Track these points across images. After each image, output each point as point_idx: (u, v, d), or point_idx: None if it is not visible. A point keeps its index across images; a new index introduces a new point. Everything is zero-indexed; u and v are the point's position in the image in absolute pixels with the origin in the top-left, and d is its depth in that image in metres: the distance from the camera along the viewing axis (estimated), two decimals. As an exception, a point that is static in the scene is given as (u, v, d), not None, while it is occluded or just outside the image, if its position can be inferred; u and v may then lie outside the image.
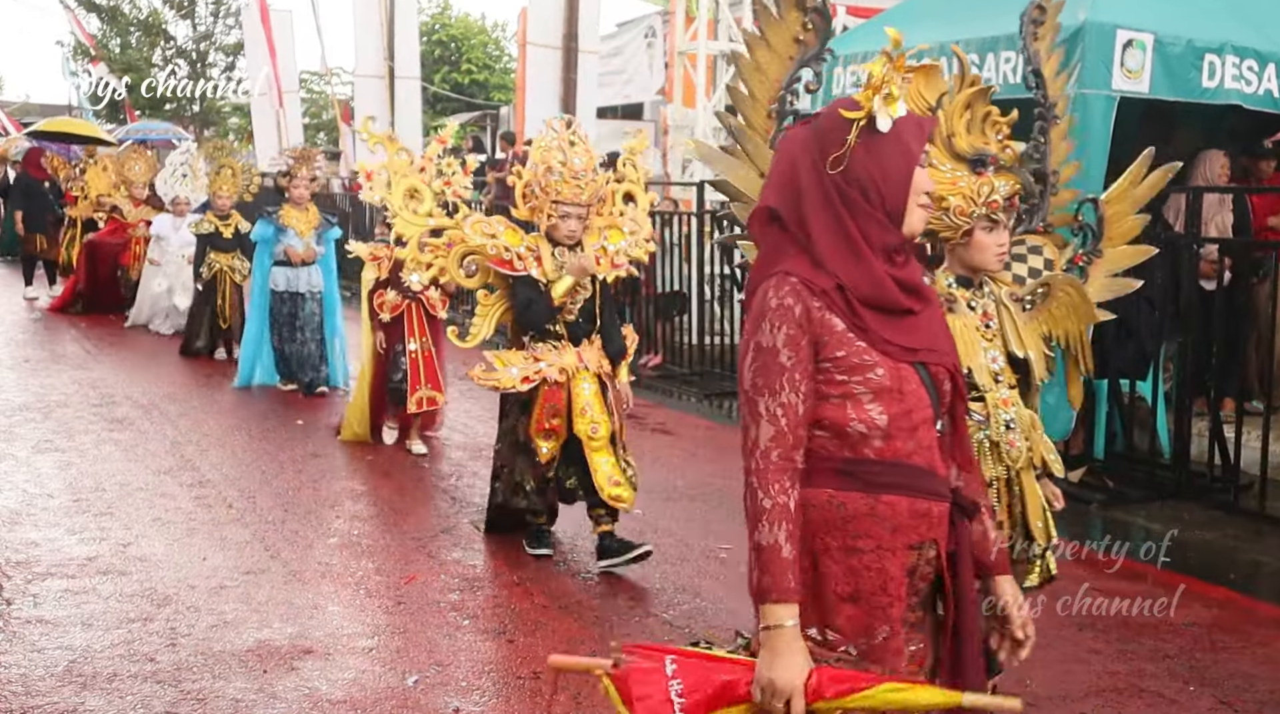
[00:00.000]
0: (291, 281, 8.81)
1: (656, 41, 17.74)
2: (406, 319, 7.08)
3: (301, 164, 8.70)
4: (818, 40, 3.36)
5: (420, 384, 7.06)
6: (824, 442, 2.23)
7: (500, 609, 4.71)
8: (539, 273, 4.97)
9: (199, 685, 3.92)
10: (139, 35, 34.89)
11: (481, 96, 31.18)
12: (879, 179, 2.20)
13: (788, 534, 2.15)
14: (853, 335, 2.20)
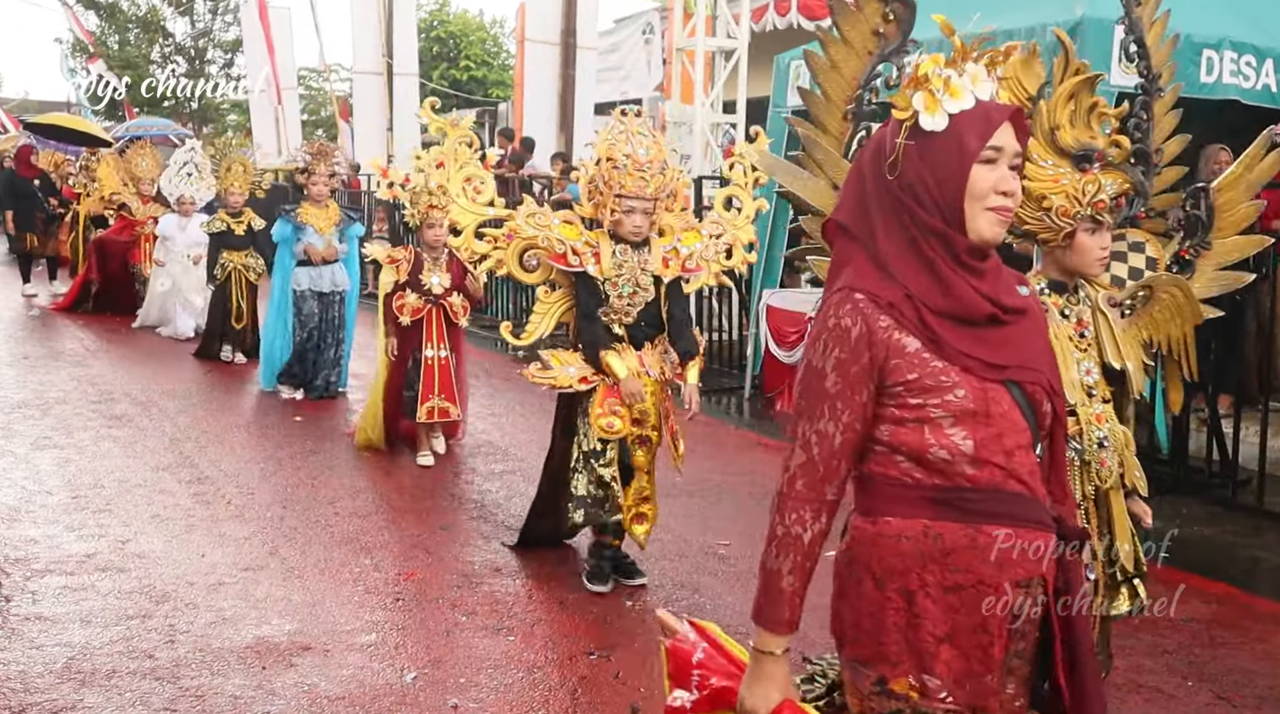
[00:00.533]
0: (315, 281, 8.46)
1: (654, 38, 17.72)
2: (425, 325, 6.75)
3: (320, 160, 8.41)
4: (900, 31, 3.13)
5: (433, 394, 6.77)
6: (908, 469, 2.05)
7: (499, 606, 4.71)
8: (595, 270, 4.69)
9: (198, 682, 3.93)
10: (137, 32, 34.89)
11: (480, 93, 31.16)
12: (930, 182, 2.02)
13: (792, 565, 2.07)
14: (927, 355, 2.02)
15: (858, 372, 2.03)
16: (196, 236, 10.93)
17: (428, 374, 6.76)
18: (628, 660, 4.19)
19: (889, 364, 2.02)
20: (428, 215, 6.49)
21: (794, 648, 4.39)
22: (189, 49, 34.84)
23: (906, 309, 2.02)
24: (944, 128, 2.00)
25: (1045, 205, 2.94)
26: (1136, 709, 3.90)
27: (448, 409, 6.85)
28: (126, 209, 12.95)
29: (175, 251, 11.42)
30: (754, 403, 9.13)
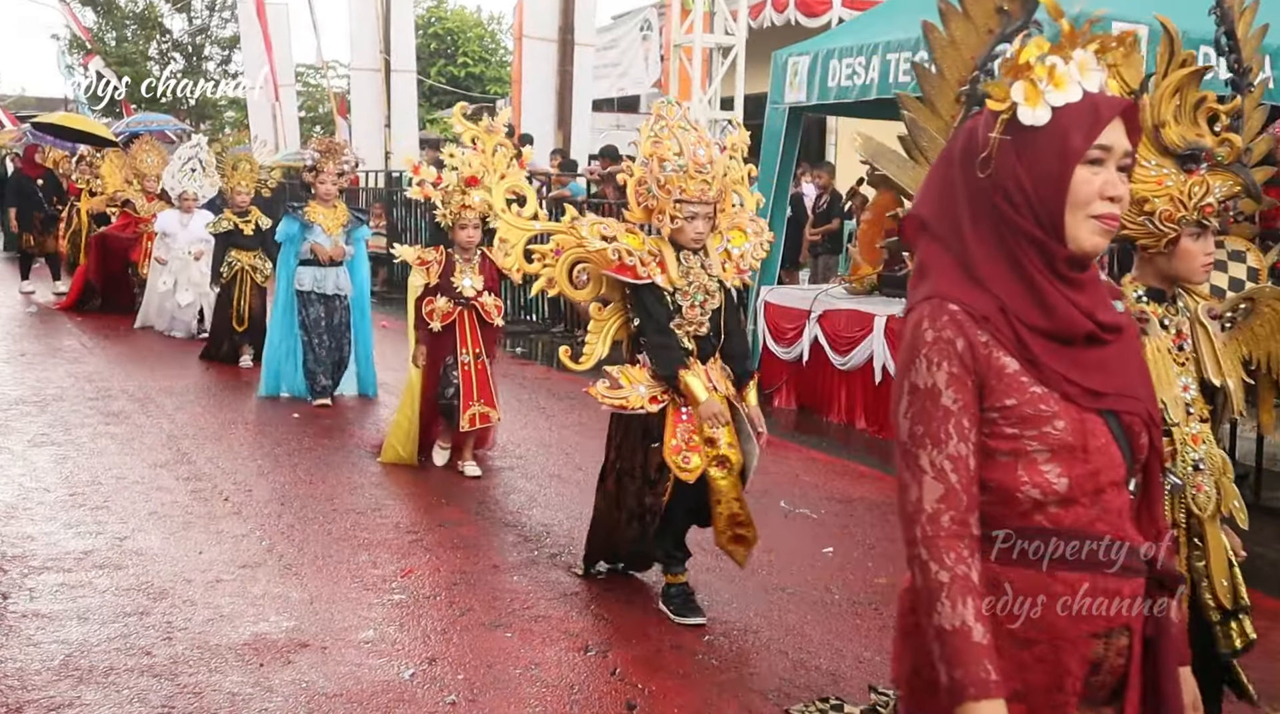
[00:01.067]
0: (319, 282, 8.21)
1: (652, 34, 17.73)
2: (459, 328, 6.44)
3: (328, 158, 8.17)
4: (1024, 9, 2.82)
5: (473, 399, 6.44)
6: (986, 507, 1.80)
7: (496, 602, 4.72)
8: (664, 280, 4.35)
9: (195, 679, 3.93)
10: (135, 29, 34.90)
11: (477, 90, 31.15)
12: (1026, 183, 1.78)
13: (976, 613, 1.72)
14: (1026, 378, 1.79)
15: (972, 386, 1.79)
16: (198, 233, 10.73)
17: (465, 380, 6.44)
18: (625, 658, 4.19)
19: (988, 384, 1.79)
20: (460, 215, 6.28)
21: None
22: (186, 46, 34.88)
23: (1002, 324, 1.79)
24: (1045, 122, 1.77)
25: (1148, 209, 2.71)
26: (1133, 705, 3.89)
27: (488, 414, 6.54)
28: (131, 206, 12.76)
29: (176, 248, 11.18)
30: (752, 399, 9.12)
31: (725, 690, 3.94)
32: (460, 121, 4.98)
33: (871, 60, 7.99)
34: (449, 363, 6.46)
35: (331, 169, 8.14)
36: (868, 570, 5.20)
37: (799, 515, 6.08)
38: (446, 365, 6.47)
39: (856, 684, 4.01)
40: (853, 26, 9.16)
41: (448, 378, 6.48)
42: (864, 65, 8.10)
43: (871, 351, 8.02)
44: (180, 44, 34.91)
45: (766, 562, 5.25)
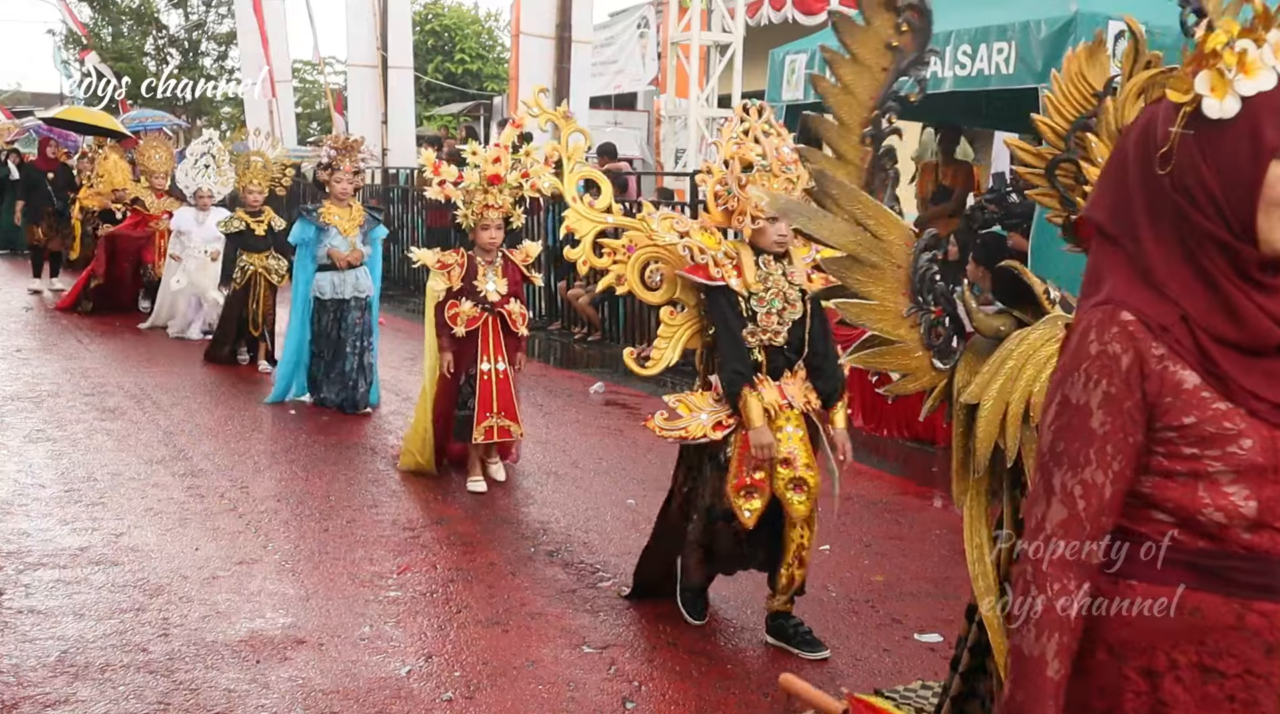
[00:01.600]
0: (338, 287, 7.85)
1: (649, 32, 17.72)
2: (481, 336, 6.11)
3: (344, 155, 7.85)
4: (916, 42, 2.89)
5: (491, 411, 6.09)
6: (1166, 527, 1.70)
7: (494, 599, 4.72)
8: (739, 284, 4.09)
9: (191, 675, 3.92)
10: (131, 24, 34.84)
11: (475, 86, 31.13)
12: (1212, 182, 1.62)
13: (1058, 648, 1.68)
14: (1208, 394, 1.65)
15: (1131, 409, 1.67)
16: (214, 231, 10.40)
17: (484, 390, 6.09)
18: (623, 655, 4.19)
19: (1162, 402, 1.66)
20: (482, 216, 6.02)
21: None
22: (183, 41, 34.81)
23: (1183, 335, 1.65)
24: (1234, 114, 1.60)
25: None
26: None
27: (508, 427, 6.17)
28: (140, 204, 12.42)
29: (192, 246, 10.83)
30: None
31: (723, 688, 3.95)
32: (537, 103, 4.63)
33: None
34: (469, 373, 6.18)
35: (348, 167, 7.80)
36: (865, 568, 5.21)
37: (795, 513, 6.07)
38: (469, 375, 6.19)
39: (854, 681, 4.01)
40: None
41: (469, 389, 6.21)
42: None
43: (869, 350, 7.99)
44: (176, 40, 34.84)
45: (763, 559, 5.25)
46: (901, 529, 5.87)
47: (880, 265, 2.71)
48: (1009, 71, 7.05)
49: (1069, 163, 2.68)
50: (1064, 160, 2.69)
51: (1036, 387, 2.56)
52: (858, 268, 2.70)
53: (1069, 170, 2.69)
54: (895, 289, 2.72)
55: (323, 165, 8.25)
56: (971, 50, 7.27)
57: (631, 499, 6.15)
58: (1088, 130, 2.66)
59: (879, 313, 2.71)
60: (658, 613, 4.57)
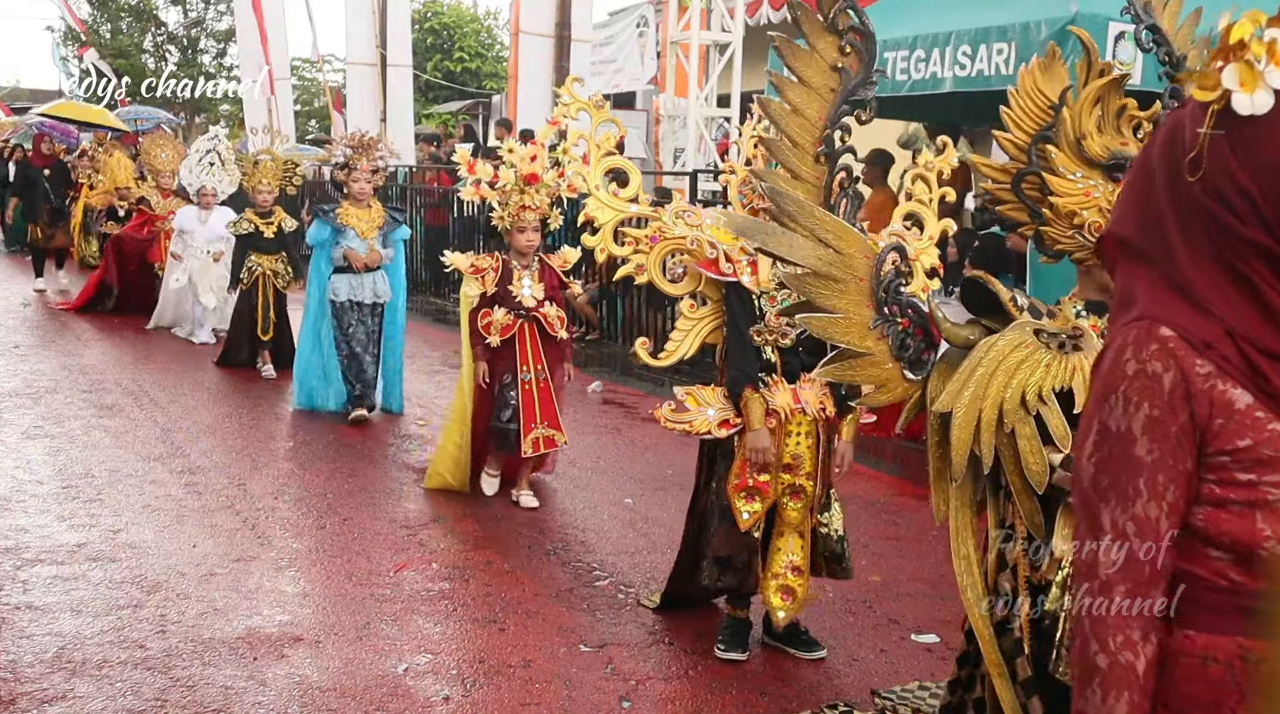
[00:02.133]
0: (355, 290, 7.55)
1: (648, 30, 17.70)
2: (519, 343, 5.84)
3: (362, 154, 7.45)
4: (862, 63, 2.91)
5: (536, 422, 5.84)
6: (1223, 566, 1.52)
7: (491, 597, 4.72)
8: (751, 281, 4.03)
9: (189, 673, 3.92)
10: (130, 21, 34.84)
11: (474, 85, 31.12)
12: (1247, 183, 1.47)
13: (1130, 706, 1.51)
14: (1262, 414, 1.49)
15: (1178, 432, 1.51)
16: (218, 231, 10.11)
17: (526, 399, 5.83)
18: (620, 654, 4.19)
19: (1212, 425, 1.50)
20: (519, 217, 5.75)
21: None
22: (181, 38, 34.80)
23: (1229, 351, 1.50)
24: (1268, 109, 1.45)
25: (1077, 222, 2.65)
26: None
27: (553, 437, 5.92)
28: (145, 203, 11.98)
29: (194, 246, 10.49)
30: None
31: (719, 687, 3.95)
32: (569, 93, 4.45)
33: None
34: (506, 382, 5.88)
35: (366, 166, 7.48)
36: (862, 568, 5.18)
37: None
38: (503, 384, 5.88)
39: (851, 681, 4.02)
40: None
41: (504, 399, 5.88)
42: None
43: (866, 350, 8.00)
44: (175, 37, 34.84)
45: (760, 559, 5.26)
46: (899, 529, 5.87)
47: (842, 278, 2.73)
48: (1009, 72, 7.04)
49: (1033, 176, 2.69)
50: (1028, 173, 2.70)
51: (1008, 393, 2.59)
52: (820, 282, 2.72)
53: (1034, 183, 2.71)
54: (860, 302, 2.74)
55: (339, 164, 7.66)
56: (971, 51, 7.26)
57: (629, 498, 6.15)
58: (1048, 142, 2.68)
59: (845, 326, 2.72)
60: (654, 613, 4.57)
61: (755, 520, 4.05)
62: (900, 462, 7.39)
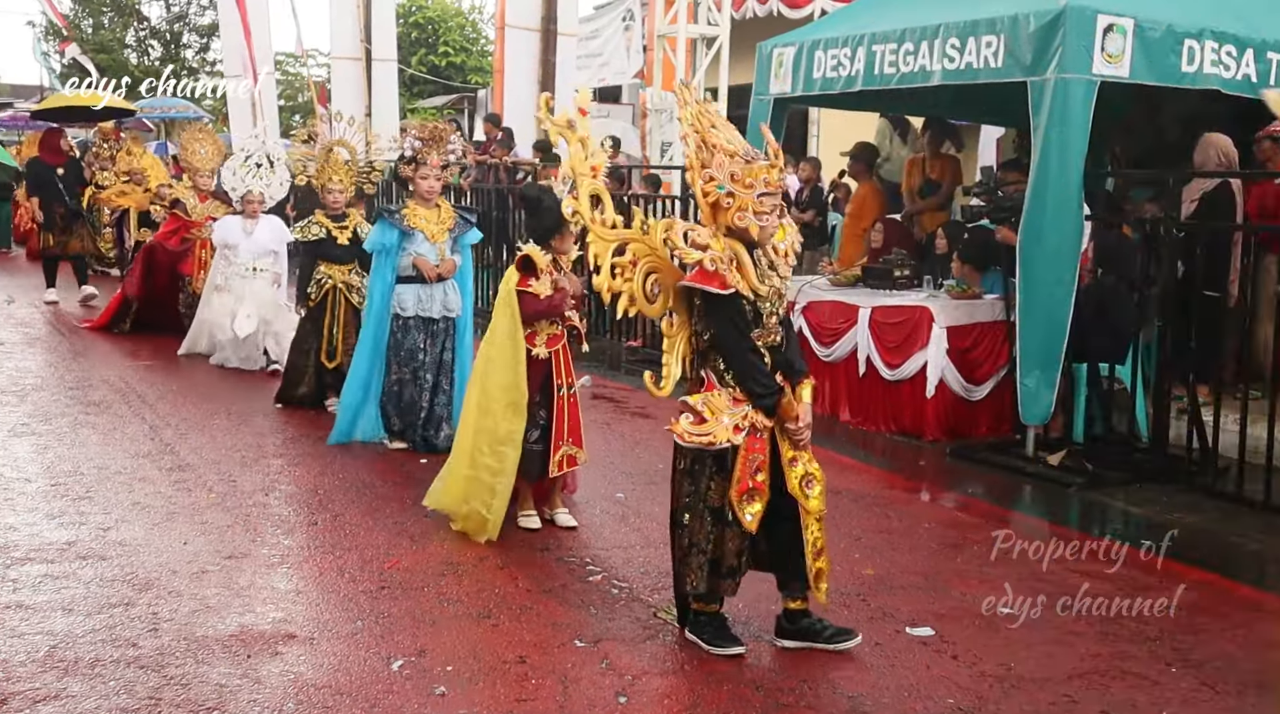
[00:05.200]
0: (424, 303, 6.66)
1: (634, 24, 17.68)
2: (555, 357, 5.43)
3: (431, 147, 6.61)
4: None
5: (563, 439, 5.42)
6: None
7: (484, 593, 4.70)
8: (744, 287, 3.92)
9: (182, 671, 3.89)
10: (112, 16, 34.61)
11: (459, 79, 31.03)
12: None
13: None
14: None
15: None
16: (264, 243, 9.10)
17: (558, 417, 5.39)
18: (615, 649, 4.18)
19: None
20: None
21: None
22: (164, 33, 34.60)
23: None
24: None
25: None
26: (1120, 695, 3.92)
27: (575, 456, 5.50)
28: (181, 207, 10.55)
29: (239, 263, 9.19)
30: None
31: (714, 681, 3.94)
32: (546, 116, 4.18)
33: (857, 52, 7.99)
34: (536, 400, 5.34)
35: (435, 160, 6.61)
36: (855, 562, 5.20)
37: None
38: (533, 402, 5.32)
39: (847, 675, 4.01)
40: (838, 18, 9.15)
41: (534, 418, 5.34)
42: (849, 57, 8.10)
43: (855, 344, 8.02)
44: (158, 32, 34.64)
45: (754, 553, 5.25)
46: (890, 522, 5.88)
47: None
48: (997, 65, 7.05)
49: None
50: None
51: None
52: None
53: None
54: None
55: (405, 158, 6.72)
56: (959, 43, 7.26)
57: (621, 493, 6.14)
58: None
59: None
60: (649, 605, 4.57)
61: (757, 520, 4.02)
62: (890, 455, 7.40)
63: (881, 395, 7.94)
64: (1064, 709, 3.82)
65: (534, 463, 5.39)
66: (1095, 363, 7.16)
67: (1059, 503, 6.40)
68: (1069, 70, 6.65)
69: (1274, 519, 5.96)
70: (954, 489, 6.67)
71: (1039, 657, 4.20)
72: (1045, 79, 6.74)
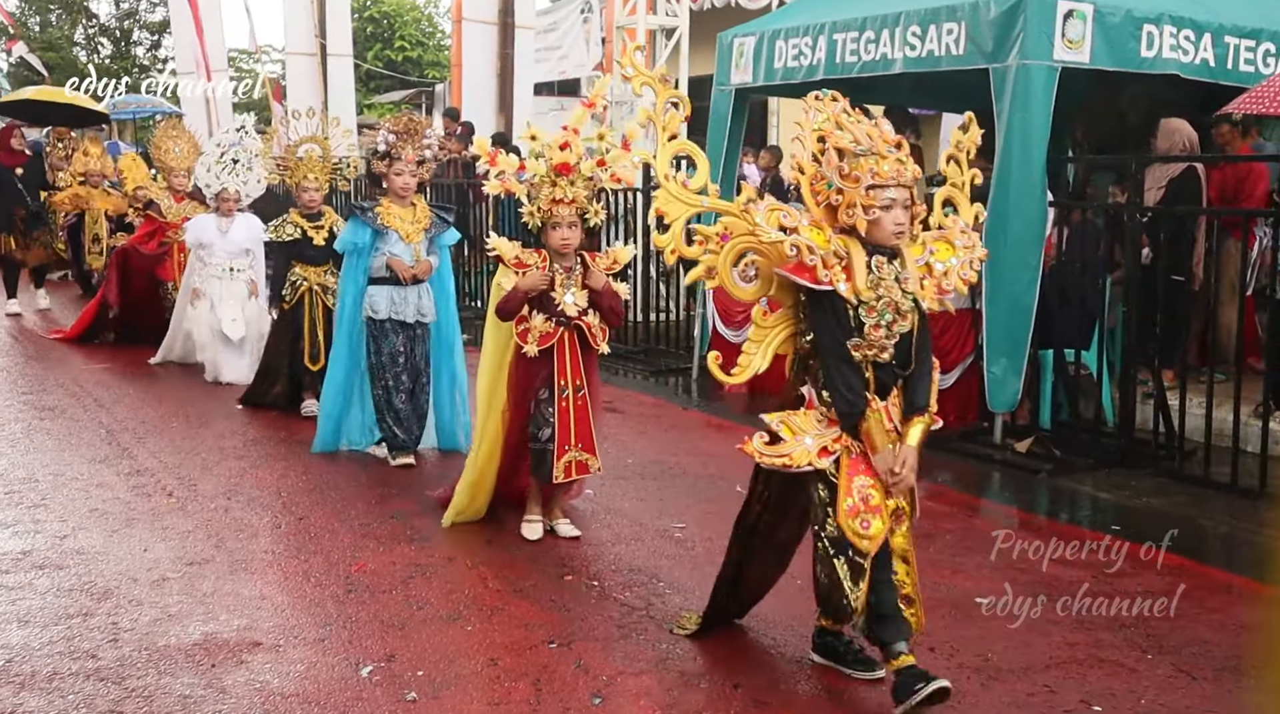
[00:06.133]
0: (398, 306, 6.35)
1: (593, 16, 17.59)
2: (557, 354, 5.12)
3: (406, 141, 6.29)
4: None
5: (570, 443, 5.14)
6: None
7: (454, 595, 4.62)
8: (848, 289, 3.56)
9: (144, 682, 3.79)
10: (59, 13, 34.10)
11: (415, 74, 30.79)
12: None
13: None
14: None
15: None
16: (240, 242, 8.71)
17: (562, 418, 5.12)
18: (589, 649, 4.11)
19: None
20: (552, 213, 5.02)
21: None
22: (114, 30, 34.13)
23: None
24: None
25: None
26: (1097, 683, 3.90)
27: (586, 462, 5.20)
28: (155, 208, 10.11)
29: (213, 263, 8.78)
30: (701, 383, 9.10)
31: (690, 681, 3.88)
32: (632, 63, 3.96)
33: (818, 41, 7.95)
34: (543, 397, 5.16)
35: (410, 156, 6.30)
36: (827, 554, 5.15)
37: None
38: (540, 400, 5.17)
39: (825, 670, 3.97)
40: (798, 7, 9.11)
41: (542, 416, 5.17)
42: (810, 46, 8.07)
43: (820, 333, 7.98)
44: (108, 29, 34.17)
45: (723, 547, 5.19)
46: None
47: None
48: (959, 52, 7.03)
49: None
50: None
51: None
52: None
53: None
54: None
55: (378, 153, 6.44)
56: (921, 31, 7.24)
57: (590, 490, 6.05)
58: None
59: None
60: (622, 603, 4.50)
61: (878, 542, 3.62)
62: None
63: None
64: (1043, 699, 3.79)
65: (543, 462, 5.19)
66: (1061, 349, 7.17)
67: (1027, 489, 6.39)
68: (1030, 57, 6.65)
69: (1241, 502, 5.98)
70: (922, 477, 6.58)
71: (1016, 647, 4.17)
72: (1007, 66, 6.73)
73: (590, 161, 5.09)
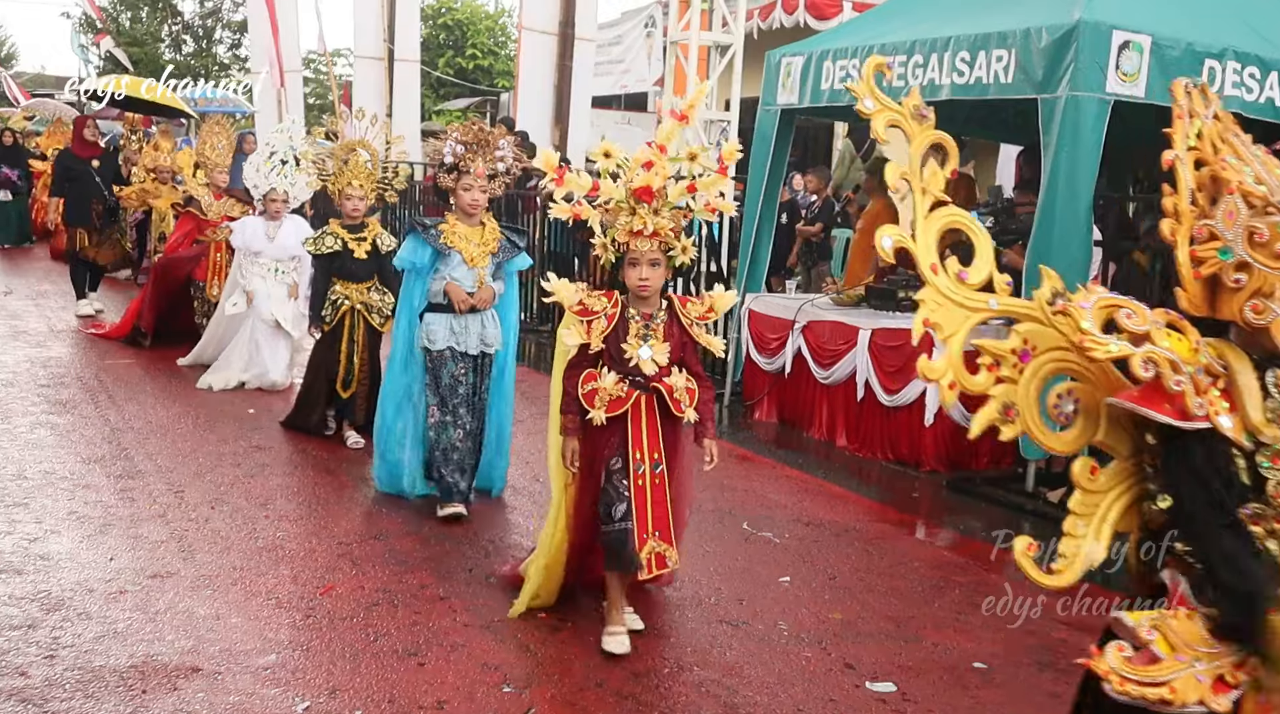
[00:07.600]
0: (459, 336, 5.62)
1: (656, 31, 17.41)
2: (632, 422, 4.21)
3: (476, 153, 5.53)
4: None
5: (647, 531, 4.18)
6: None
7: (417, 626, 4.38)
8: (1234, 426, 2.31)
9: (66, 706, 3.59)
10: (147, 10, 34.78)
11: (485, 82, 30.87)
12: None
13: None
14: None
15: None
16: (290, 247, 8.27)
17: (638, 499, 4.19)
18: (543, 695, 3.85)
19: None
20: (630, 247, 4.11)
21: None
22: (197, 28, 34.72)
23: None
24: None
25: None
26: None
27: (665, 555, 4.22)
28: (196, 205, 9.70)
29: (261, 264, 8.45)
30: (733, 410, 8.80)
31: (645, 739, 3.61)
32: (872, 92, 2.63)
33: (865, 63, 7.64)
34: (614, 468, 4.24)
35: (481, 169, 5.54)
36: (824, 604, 4.86)
37: (760, 539, 5.72)
38: (611, 471, 4.24)
39: (789, 737, 3.67)
40: (848, 28, 8.84)
41: (615, 491, 4.22)
42: (858, 68, 7.76)
43: (854, 366, 7.68)
44: (191, 27, 34.76)
45: (715, 590, 4.92)
46: (871, 560, 5.52)
47: None
48: (1008, 81, 6.70)
49: None
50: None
51: None
52: None
53: None
54: None
55: (445, 166, 5.61)
56: (970, 57, 6.91)
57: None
58: None
59: None
60: (587, 650, 4.23)
61: None
62: (884, 485, 7.04)
63: (879, 421, 7.58)
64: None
65: (621, 548, 4.20)
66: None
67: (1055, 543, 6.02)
68: (1081, 88, 6.30)
69: None
70: (947, 524, 6.30)
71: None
72: (1056, 97, 6.38)
73: (679, 186, 4.20)
